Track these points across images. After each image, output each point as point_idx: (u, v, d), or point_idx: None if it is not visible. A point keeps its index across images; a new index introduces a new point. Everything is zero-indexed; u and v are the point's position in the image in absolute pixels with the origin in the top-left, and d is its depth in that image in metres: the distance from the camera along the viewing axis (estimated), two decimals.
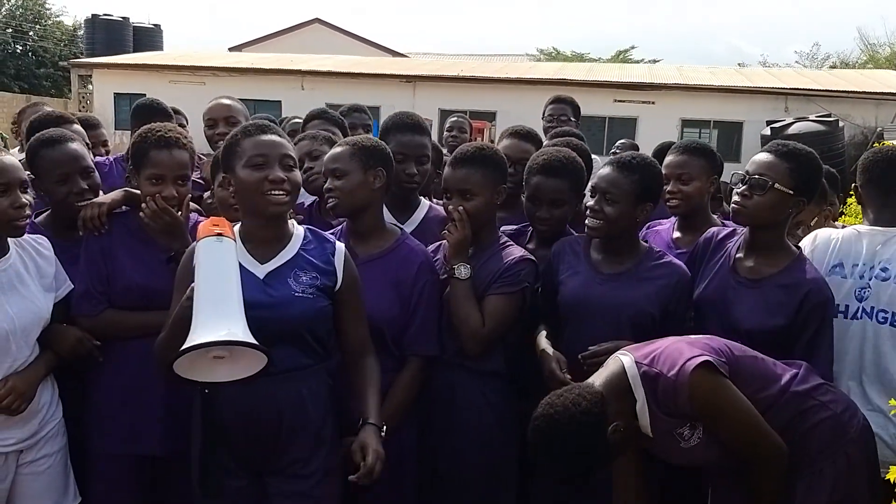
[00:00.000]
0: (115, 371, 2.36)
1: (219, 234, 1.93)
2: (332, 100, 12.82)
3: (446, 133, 5.26)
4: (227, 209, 2.47)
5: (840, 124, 14.62)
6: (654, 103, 17.68)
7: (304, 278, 2.07)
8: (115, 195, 2.47)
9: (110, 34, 24.07)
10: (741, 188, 2.34)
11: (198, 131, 3.56)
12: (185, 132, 2.56)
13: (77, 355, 2.32)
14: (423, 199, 2.87)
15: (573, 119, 4.47)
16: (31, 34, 29.64)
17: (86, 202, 2.40)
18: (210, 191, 2.84)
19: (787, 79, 19.18)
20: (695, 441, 1.98)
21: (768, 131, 14.27)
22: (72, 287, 2.34)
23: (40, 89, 26.89)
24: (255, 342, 1.73)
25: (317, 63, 19.99)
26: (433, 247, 2.58)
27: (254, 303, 1.87)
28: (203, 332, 1.71)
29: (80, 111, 16.55)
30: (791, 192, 2.28)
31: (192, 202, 2.49)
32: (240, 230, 2.09)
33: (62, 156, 2.42)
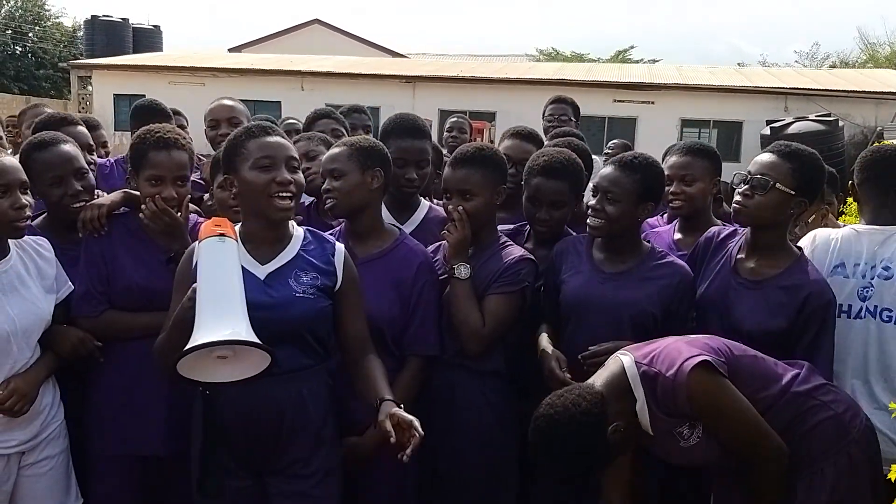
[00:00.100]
0: (116, 372, 2.36)
1: (221, 234, 1.93)
2: (331, 100, 12.79)
3: (446, 133, 5.26)
4: (226, 210, 2.47)
5: (840, 124, 14.63)
6: (653, 103, 17.67)
7: (305, 279, 2.08)
8: (115, 196, 2.47)
9: (110, 35, 24.10)
10: (743, 188, 2.34)
11: (198, 132, 3.56)
12: (184, 133, 2.56)
13: (78, 356, 2.31)
14: (422, 200, 2.87)
15: (573, 119, 4.47)
16: (31, 35, 29.66)
17: (81, 203, 2.40)
18: (209, 192, 2.84)
19: (787, 78, 19.17)
20: (694, 440, 1.98)
21: (768, 131, 14.28)
22: (72, 288, 2.34)
23: (40, 90, 26.90)
24: (259, 342, 1.73)
25: (316, 64, 19.99)
26: (433, 247, 2.58)
27: (255, 303, 1.87)
28: (208, 331, 1.70)
29: (79, 112, 16.53)
30: (792, 192, 2.28)
31: (192, 203, 2.49)
32: (240, 231, 2.09)
33: (55, 158, 2.41)
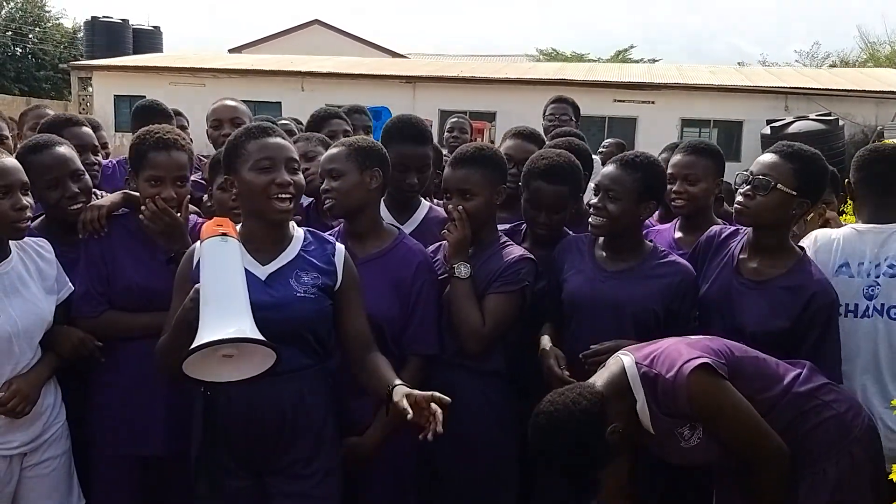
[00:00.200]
0: (117, 372, 2.36)
1: (223, 234, 1.93)
2: (331, 101, 12.72)
3: (447, 134, 5.25)
4: (226, 211, 2.47)
5: (840, 123, 14.63)
6: (653, 103, 17.66)
7: (306, 279, 2.08)
8: (115, 197, 2.47)
9: (110, 36, 24.12)
10: (744, 189, 2.33)
11: (198, 133, 3.56)
12: (184, 133, 2.56)
13: (79, 356, 2.32)
14: (422, 200, 2.87)
15: (574, 119, 4.47)
16: (31, 37, 29.66)
17: (79, 205, 2.40)
18: (208, 192, 2.84)
19: (787, 78, 19.16)
20: (695, 441, 1.98)
21: (768, 130, 14.29)
22: (72, 289, 2.34)
23: (40, 92, 26.89)
24: (265, 339, 1.73)
25: (317, 64, 20.00)
26: (433, 247, 2.58)
27: (256, 304, 1.87)
28: (213, 329, 1.70)
29: (80, 113, 16.53)
30: (794, 192, 2.27)
31: (192, 203, 2.49)
32: (241, 232, 2.08)
33: (51, 160, 2.41)
